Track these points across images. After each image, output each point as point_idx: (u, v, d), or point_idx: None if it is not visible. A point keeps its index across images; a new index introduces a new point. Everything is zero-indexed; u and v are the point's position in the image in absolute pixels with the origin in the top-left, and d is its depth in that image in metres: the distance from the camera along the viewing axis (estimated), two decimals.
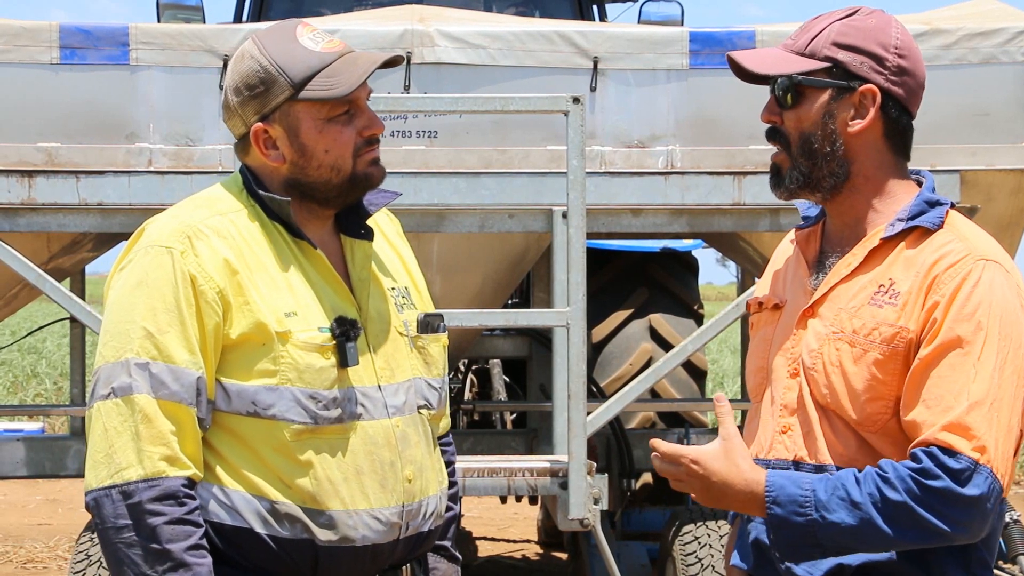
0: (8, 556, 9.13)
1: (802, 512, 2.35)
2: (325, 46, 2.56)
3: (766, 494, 2.37)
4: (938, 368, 2.34)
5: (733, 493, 2.40)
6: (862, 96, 2.46)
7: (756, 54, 2.55)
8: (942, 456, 2.30)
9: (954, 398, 2.32)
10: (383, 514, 2.56)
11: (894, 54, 2.47)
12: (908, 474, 2.31)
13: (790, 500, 2.35)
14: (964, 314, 2.35)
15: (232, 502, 2.50)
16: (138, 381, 2.45)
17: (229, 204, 2.59)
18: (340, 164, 2.56)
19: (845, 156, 2.48)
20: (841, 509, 2.33)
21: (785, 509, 2.36)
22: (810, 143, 2.48)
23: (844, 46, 2.47)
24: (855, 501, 2.32)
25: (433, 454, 2.69)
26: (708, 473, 2.40)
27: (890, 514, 2.31)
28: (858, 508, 2.32)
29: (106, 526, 2.45)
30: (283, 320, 2.50)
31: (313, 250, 2.59)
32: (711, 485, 2.41)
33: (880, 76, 2.46)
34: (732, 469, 2.40)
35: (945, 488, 2.29)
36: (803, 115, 2.48)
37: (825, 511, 2.33)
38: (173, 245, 2.50)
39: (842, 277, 2.48)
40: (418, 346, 2.68)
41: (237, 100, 2.57)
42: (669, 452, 2.44)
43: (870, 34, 2.47)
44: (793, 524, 2.35)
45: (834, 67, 2.47)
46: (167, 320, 2.47)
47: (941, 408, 2.32)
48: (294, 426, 2.50)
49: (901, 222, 2.46)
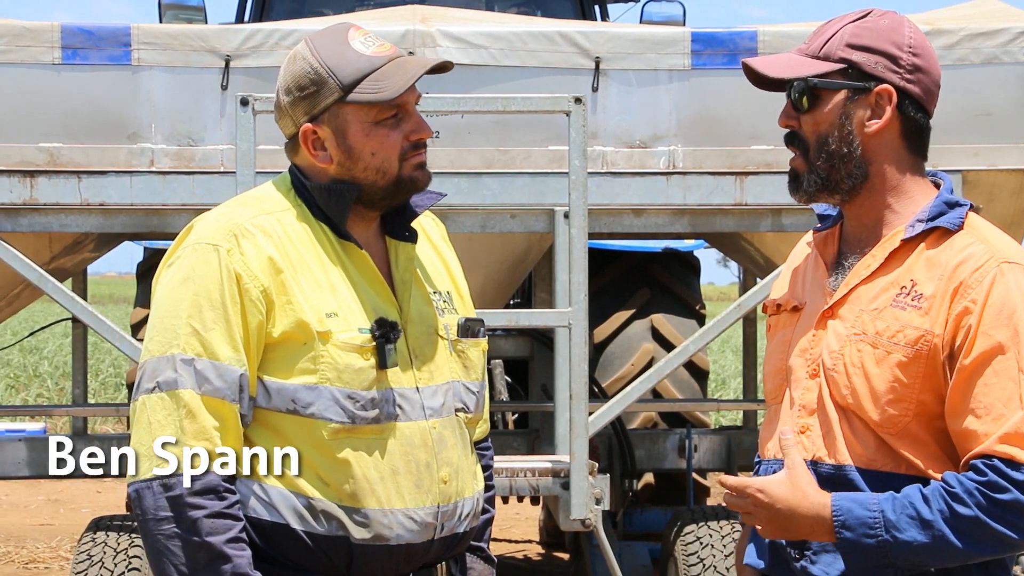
0: (10, 556, 9.13)
1: (872, 534, 2.35)
2: (376, 50, 2.59)
3: (834, 518, 2.37)
4: (984, 376, 2.35)
5: (800, 519, 2.40)
6: (878, 96, 2.46)
7: (770, 60, 2.54)
8: (1006, 469, 2.31)
9: (1004, 406, 2.33)
10: (418, 514, 2.58)
11: (908, 53, 2.47)
12: (976, 487, 2.32)
13: (859, 523, 2.36)
14: (1001, 320, 2.35)
15: (270, 498, 2.53)
16: (183, 376, 2.49)
17: (276, 203, 2.62)
18: (386, 167, 2.59)
19: (863, 157, 2.47)
20: (912, 528, 2.33)
21: (855, 532, 2.36)
22: (827, 145, 2.47)
23: (858, 47, 2.46)
24: (925, 519, 2.33)
25: (470, 457, 2.71)
26: (773, 501, 2.41)
27: (963, 529, 2.32)
28: (929, 526, 2.32)
29: (147, 518, 2.49)
30: (324, 320, 2.53)
31: (358, 250, 2.61)
32: (777, 513, 2.41)
33: (895, 75, 2.46)
34: (797, 495, 2.40)
35: (1014, 500, 2.30)
36: (820, 117, 2.47)
37: (896, 531, 2.34)
38: (220, 243, 2.53)
39: (862, 278, 2.48)
40: (458, 350, 2.70)
41: (288, 100, 2.61)
42: (735, 485, 2.45)
43: (883, 34, 2.47)
44: (864, 547, 2.35)
45: (849, 68, 2.46)
46: (212, 317, 2.51)
47: (992, 417, 2.33)
48: (332, 425, 2.53)
49: (921, 223, 2.45)
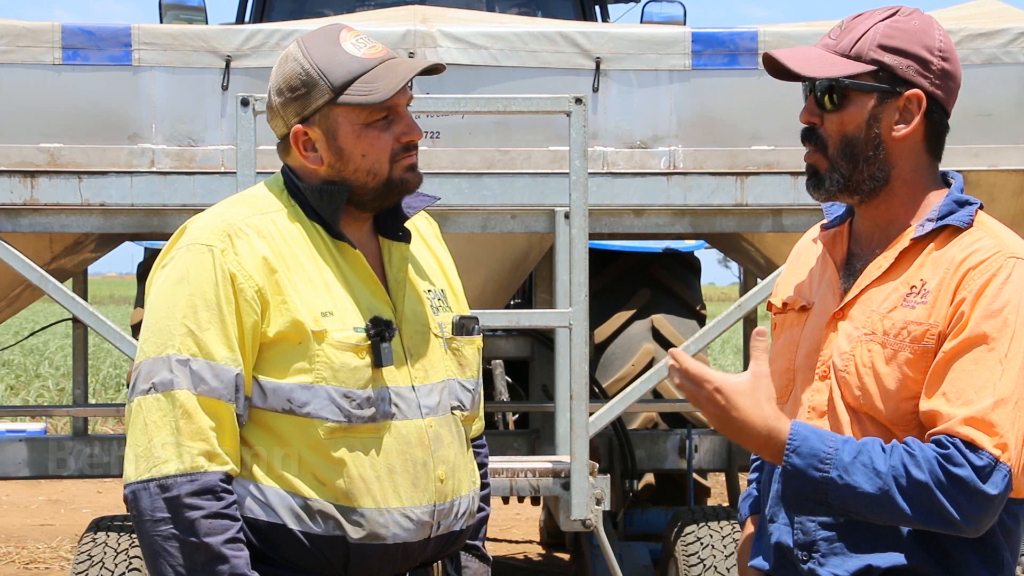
0: (11, 557, 9.14)
1: (821, 468, 2.33)
2: (367, 51, 2.60)
3: (788, 442, 2.34)
4: (961, 362, 2.34)
5: (752, 433, 2.35)
6: (908, 101, 2.43)
7: (798, 53, 2.50)
8: (965, 450, 2.30)
9: (975, 393, 2.31)
10: (414, 513, 2.59)
11: (938, 57, 2.45)
12: (935, 456, 2.30)
13: (811, 453, 2.33)
14: (992, 310, 2.34)
15: (266, 498, 2.54)
16: (179, 377, 2.49)
17: (270, 203, 2.63)
18: (376, 169, 2.60)
19: (887, 160, 2.45)
20: (861, 474, 2.31)
21: (804, 461, 2.33)
22: (852, 146, 2.45)
23: (890, 49, 2.43)
24: (878, 470, 2.31)
25: (466, 454, 2.72)
26: (730, 406, 2.35)
27: (910, 492, 2.30)
28: (879, 477, 2.31)
29: (143, 519, 2.49)
30: (319, 319, 2.54)
31: (351, 250, 2.62)
32: (731, 419, 2.36)
33: (926, 80, 2.44)
34: (756, 409, 2.35)
35: (967, 478, 2.29)
36: (847, 118, 2.45)
37: (845, 472, 2.32)
38: (214, 243, 2.54)
39: (873, 279, 2.47)
40: (452, 348, 2.71)
41: (279, 101, 2.61)
42: (694, 373, 2.36)
43: (915, 36, 2.45)
44: (808, 477, 2.33)
45: (880, 71, 2.43)
46: (207, 317, 2.51)
47: (961, 401, 2.32)
48: (328, 424, 2.53)
49: (931, 222, 2.44)
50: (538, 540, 9.76)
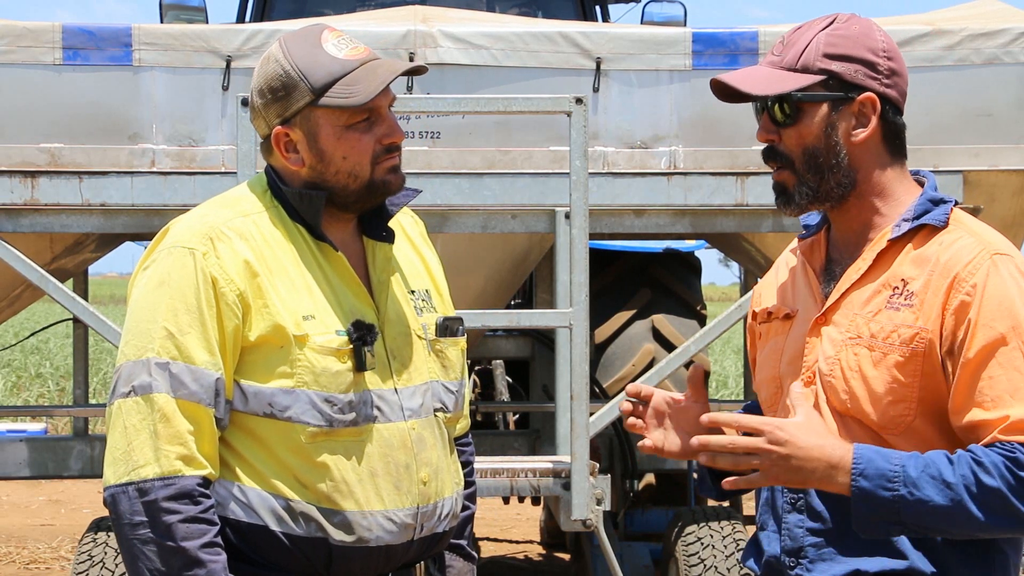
0: (11, 557, 9.14)
1: (890, 487, 2.31)
2: (349, 53, 2.58)
3: (854, 466, 2.32)
4: (988, 369, 2.34)
5: (816, 462, 2.32)
6: (861, 105, 2.45)
7: (745, 74, 2.51)
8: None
9: (1012, 397, 2.32)
10: (397, 515, 2.58)
11: (884, 58, 2.47)
12: (1002, 461, 2.30)
13: (878, 474, 2.31)
14: (1000, 312, 2.35)
15: (248, 500, 2.53)
16: (158, 380, 2.48)
17: (252, 204, 2.61)
18: (358, 171, 2.58)
19: (850, 165, 2.47)
20: (931, 488, 2.30)
21: (872, 483, 2.31)
22: (815, 157, 2.46)
23: (836, 56, 2.45)
24: (948, 481, 2.30)
25: (449, 456, 2.71)
26: (792, 439, 2.32)
27: (983, 499, 2.30)
28: (950, 488, 2.30)
29: (122, 522, 2.48)
30: (301, 323, 2.52)
31: (334, 252, 2.60)
32: (792, 455, 2.32)
33: (875, 82, 2.46)
34: (818, 437, 2.33)
35: None
36: (804, 131, 2.46)
37: (914, 488, 2.30)
38: (196, 246, 2.52)
39: (853, 282, 2.47)
40: (436, 349, 2.70)
41: (261, 102, 2.60)
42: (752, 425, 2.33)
43: (858, 41, 2.46)
44: (878, 499, 2.31)
45: (830, 79, 2.45)
46: (188, 321, 2.50)
47: (1002, 407, 2.32)
48: (309, 428, 2.52)
49: (907, 222, 2.45)
50: (538, 540, 9.76)
